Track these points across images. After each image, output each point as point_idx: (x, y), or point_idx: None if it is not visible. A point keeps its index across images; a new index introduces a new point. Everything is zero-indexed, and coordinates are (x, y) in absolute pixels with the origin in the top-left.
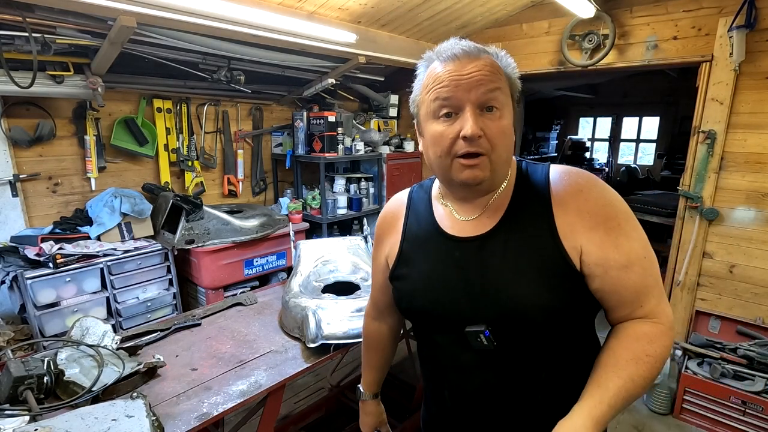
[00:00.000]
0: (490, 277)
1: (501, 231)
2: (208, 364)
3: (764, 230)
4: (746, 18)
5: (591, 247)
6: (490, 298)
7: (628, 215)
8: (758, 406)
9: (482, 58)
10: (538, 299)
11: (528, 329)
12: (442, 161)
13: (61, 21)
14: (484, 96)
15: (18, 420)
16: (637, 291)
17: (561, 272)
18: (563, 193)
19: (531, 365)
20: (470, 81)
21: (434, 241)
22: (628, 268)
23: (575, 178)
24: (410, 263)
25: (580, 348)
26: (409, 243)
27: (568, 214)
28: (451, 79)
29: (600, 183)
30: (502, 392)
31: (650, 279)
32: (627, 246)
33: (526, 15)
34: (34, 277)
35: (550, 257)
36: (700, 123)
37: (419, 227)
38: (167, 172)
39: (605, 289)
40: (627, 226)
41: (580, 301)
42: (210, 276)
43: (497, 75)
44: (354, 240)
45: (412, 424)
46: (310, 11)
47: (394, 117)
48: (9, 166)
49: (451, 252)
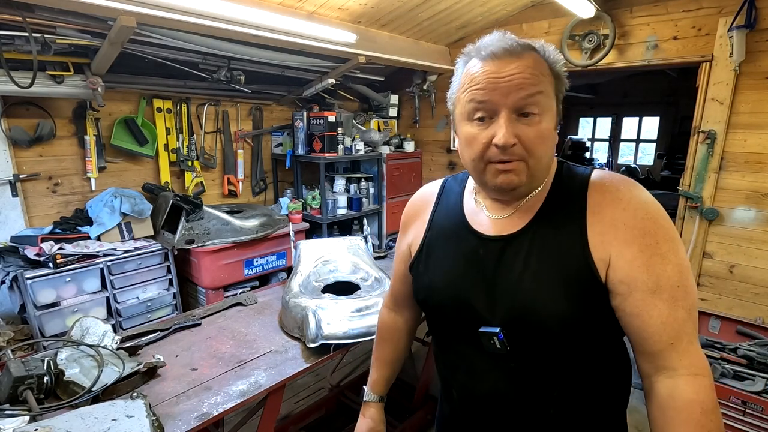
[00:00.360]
0: (510, 279)
1: (528, 233)
2: (208, 364)
3: (764, 230)
4: (746, 18)
5: (620, 262)
6: (506, 300)
7: (669, 235)
8: (758, 406)
9: (525, 57)
10: (555, 307)
11: (542, 337)
12: (475, 165)
13: (61, 21)
14: (522, 101)
15: (18, 420)
16: (664, 323)
17: (584, 283)
18: (601, 200)
19: (545, 377)
20: (509, 84)
21: (459, 236)
22: (656, 293)
23: (617, 185)
24: (432, 255)
25: (603, 371)
26: (434, 234)
27: (603, 223)
28: (488, 81)
29: (644, 195)
30: (512, 401)
31: (682, 312)
32: (660, 268)
33: (526, 15)
34: (34, 277)
35: (575, 266)
36: (700, 123)
37: (447, 219)
38: (167, 172)
39: (626, 310)
40: (665, 246)
41: (603, 316)
42: (210, 276)
43: (540, 76)
44: (354, 240)
45: (412, 424)
46: (310, 11)
47: (394, 117)
48: (9, 166)
49: (475, 249)
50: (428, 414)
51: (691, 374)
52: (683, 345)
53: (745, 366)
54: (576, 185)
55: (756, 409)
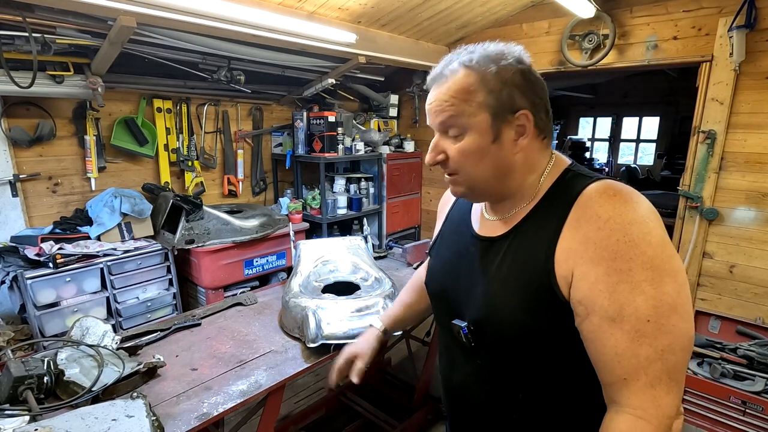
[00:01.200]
0: (483, 280)
1: (507, 239)
2: (208, 364)
3: (764, 230)
4: (746, 18)
5: (582, 282)
6: (476, 300)
7: (652, 264)
8: (758, 406)
9: (449, 81)
10: (512, 316)
11: (500, 341)
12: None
13: (61, 21)
14: (441, 125)
15: (18, 420)
16: (618, 355)
17: (543, 296)
18: (581, 215)
19: (508, 381)
20: (431, 109)
21: (461, 231)
22: (616, 322)
23: (602, 202)
24: (441, 246)
25: (574, 385)
26: (447, 227)
27: (575, 239)
28: (428, 107)
29: (634, 215)
30: (479, 397)
31: (646, 350)
32: (626, 297)
33: (526, 15)
34: (34, 277)
35: (537, 278)
36: (700, 123)
37: (458, 215)
38: (167, 172)
39: (583, 333)
40: (640, 275)
41: (567, 332)
42: (210, 276)
43: (459, 97)
44: (354, 240)
45: (412, 424)
46: (310, 11)
47: (394, 117)
48: (9, 166)
49: (468, 246)
50: (428, 414)
51: (634, 416)
52: (638, 384)
53: (745, 366)
54: (568, 196)
55: (756, 409)
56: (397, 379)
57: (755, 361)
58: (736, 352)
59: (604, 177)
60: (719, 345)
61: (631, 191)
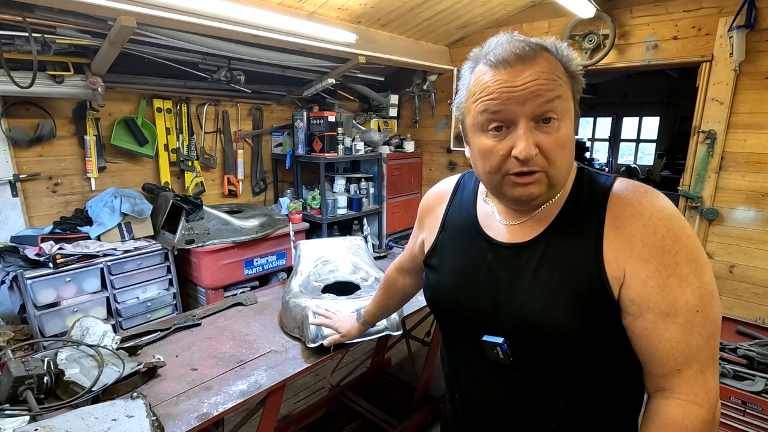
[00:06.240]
0: (518, 289)
1: (541, 243)
2: (208, 364)
3: (764, 230)
4: (746, 18)
5: (634, 280)
6: (513, 311)
7: (693, 255)
8: (758, 406)
9: (539, 62)
10: (563, 322)
11: (548, 351)
12: (491, 177)
13: (61, 21)
14: (540, 108)
15: (18, 420)
16: (673, 348)
17: (595, 300)
18: (621, 213)
19: (549, 389)
20: (524, 93)
21: (470, 238)
22: (669, 317)
23: (639, 199)
24: (443, 255)
25: (614, 385)
26: (446, 233)
27: (620, 238)
28: (501, 91)
29: (669, 210)
30: (514, 411)
31: (697, 339)
32: (677, 291)
33: (526, 15)
34: (34, 277)
35: (587, 281)
36: (700, 123)
37: (460, 219)
38: (167, 172)
39: (635, 331)
40: (686, 268)
41: (613, 333)
42: (210, 276)
43: (557, 80)
44: (354, 240)
45: (412, 424)
46: (310, 11)
47: (394, 117)
48: (9, 166)
49: (484, 254)
50: (428, 414)
51: (687, 401)
52: (690, 372)
53: (745, 366)
54: (596, 195)
55: (756, 409)
56: (397, 379)
57: (755, 361)
58: (736, 352)
59: (616, 174)
60: (719, 345)
61: (652, 188)
